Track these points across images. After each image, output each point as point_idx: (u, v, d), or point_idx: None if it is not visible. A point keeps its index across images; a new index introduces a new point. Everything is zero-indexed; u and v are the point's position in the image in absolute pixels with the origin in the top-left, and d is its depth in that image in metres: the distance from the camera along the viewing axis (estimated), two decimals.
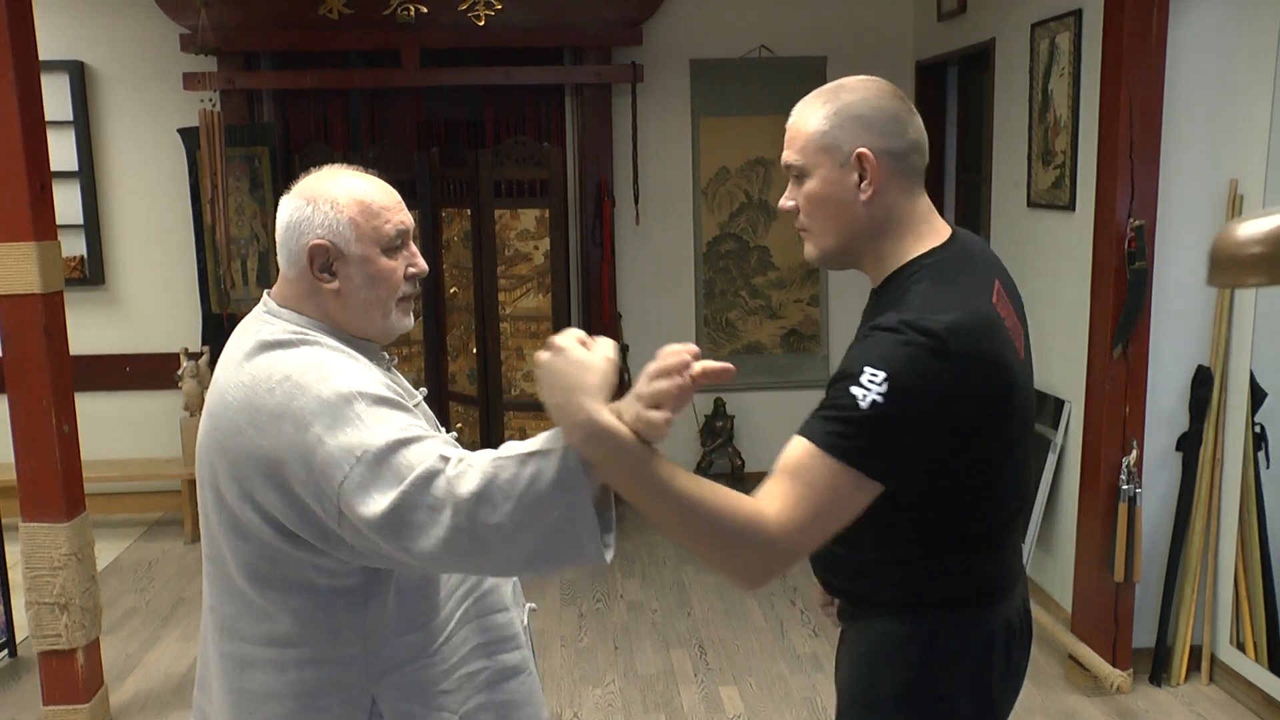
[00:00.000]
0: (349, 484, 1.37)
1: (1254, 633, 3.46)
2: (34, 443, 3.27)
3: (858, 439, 1.39)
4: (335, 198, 1.55)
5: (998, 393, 1.48)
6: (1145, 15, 3.31)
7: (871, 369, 1.39)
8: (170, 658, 3.97)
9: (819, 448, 1.40)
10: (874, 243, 1.57)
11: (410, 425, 1.43)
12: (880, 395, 1.38)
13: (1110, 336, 3.45)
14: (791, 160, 1.59)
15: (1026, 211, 4.27)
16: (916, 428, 1.41)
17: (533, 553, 1.34)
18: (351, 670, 1.53)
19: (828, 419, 1.42)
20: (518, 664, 1.67)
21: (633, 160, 5.42)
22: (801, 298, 5.64)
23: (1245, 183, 3.40)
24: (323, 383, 1.44)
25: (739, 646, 4.00)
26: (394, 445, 1.38)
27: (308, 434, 1.40)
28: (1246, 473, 3.45)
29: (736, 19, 5.42)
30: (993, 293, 1.55)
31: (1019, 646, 1.66)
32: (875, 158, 1.52)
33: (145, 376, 5.41)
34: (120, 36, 5.28)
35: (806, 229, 1.61)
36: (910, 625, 1.59)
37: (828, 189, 1.55)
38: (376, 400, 1.44)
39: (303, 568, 1.48)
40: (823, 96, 1.58)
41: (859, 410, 1.38)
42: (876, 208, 1.55)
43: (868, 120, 1.53)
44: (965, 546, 1.59)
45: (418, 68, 5.25)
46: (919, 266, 1.54)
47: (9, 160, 3.16)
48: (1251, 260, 1.23)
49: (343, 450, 1.38)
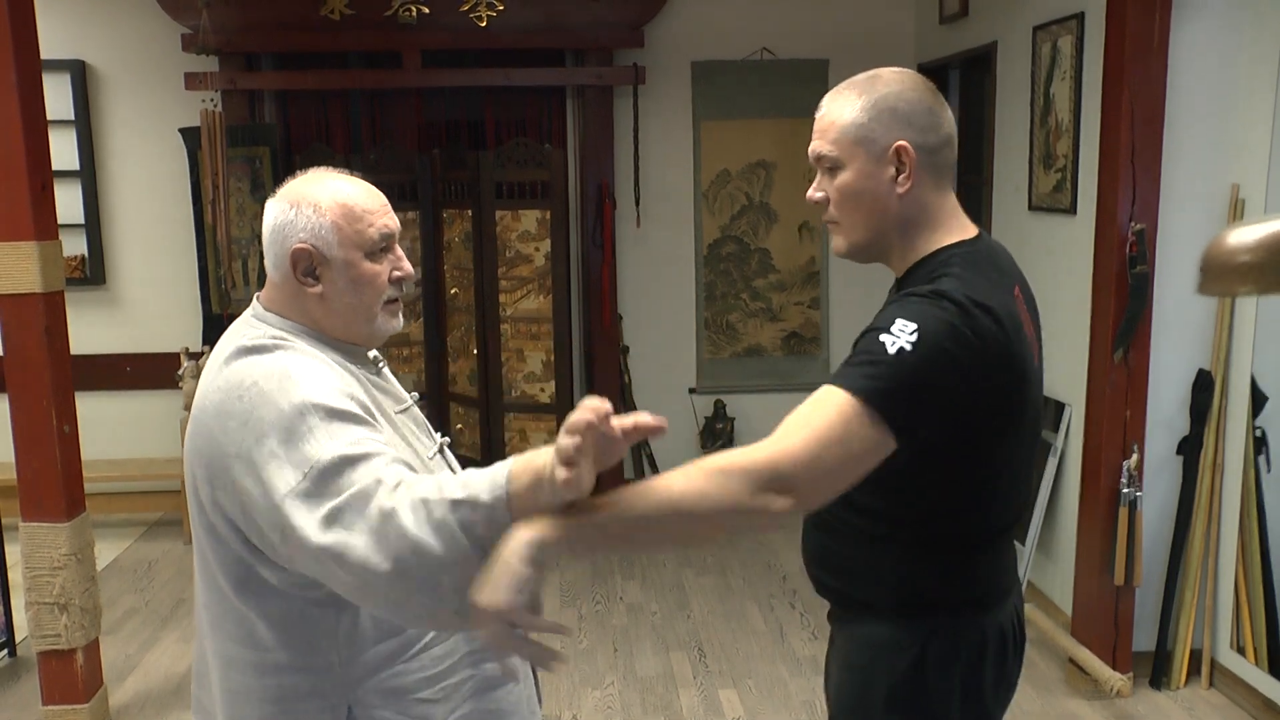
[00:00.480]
0: (291, 496, 1.35)
1: (1254, 637, 3.46)
2: (34, 442, 3.27)
3: (881, 380, 1.37)
4: (318, 201, 1.54)
5: (1011, 386, 1.47)
6: (1147, 19, 3.31)
7: (904, 320, 1.39)
8: (170, 658, 3.96)
9: (839, 386, 1.38)
10: (903, 237, 1.56)
11: (363, 440, 1.39)
12: (909, 344, 1.37)
13: (1111, 340, 3.45)
14: (824, 151, 1.56)
15: (1028, 215, 4.27)
16: (936, 387, 1.39)
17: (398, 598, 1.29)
18: (328, 678, 1.52)
19: (853, 364, 1.41)
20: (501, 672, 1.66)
21: (634, 162, 5.42)
22: (802, 300, 5.63)
23: (1247, 187, 3.40)
24: (282, 393, 1.43)
25: (738, 649, 4.00)
26: (339, 461, 1.35)
27: (263, 445, 1.39)
28: (1247, 477, 3.45)
29: (738, 21, 5.42)
30: (1013, 297, 1.55)
31: (1012, 653, 1.65)
32: (914, 152, 1.51)
33: (146, 376, 5.40)
34: (122, 36, 5.28)
35: (836, 221, 1.59)
36: (903, 630, 1.58)
37: (862, 182, 1.54)
38: (331, 413, 1.41)
39: (269, 576, 1.47)
40: (857, 88, 1.55)
41: (886, 354, 1.37)
42: (909, 202, 1.54)
43: (904, 114, 1.52)
44: (962, 550, 1.58)
45: (419, 69, 5.25)
46: (950, 254, 1.53)
47: (10, 159, 3.16)
48: (1241, 269, 1.22)
49: (292, 464, 1.37)
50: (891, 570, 1.58)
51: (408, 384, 1.78)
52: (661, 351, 5.63)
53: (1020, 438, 1.55)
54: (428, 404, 1.66)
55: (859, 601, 1.64)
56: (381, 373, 1.69)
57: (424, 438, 1.70)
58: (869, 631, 1.62)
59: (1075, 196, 3.86)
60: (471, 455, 5.25)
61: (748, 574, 4.73)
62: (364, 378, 1.59)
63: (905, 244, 1.57)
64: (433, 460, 1.67)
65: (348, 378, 1.53)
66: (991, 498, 1.56)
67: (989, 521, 1.58)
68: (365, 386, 1.57)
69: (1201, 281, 1.26)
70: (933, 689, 1.57)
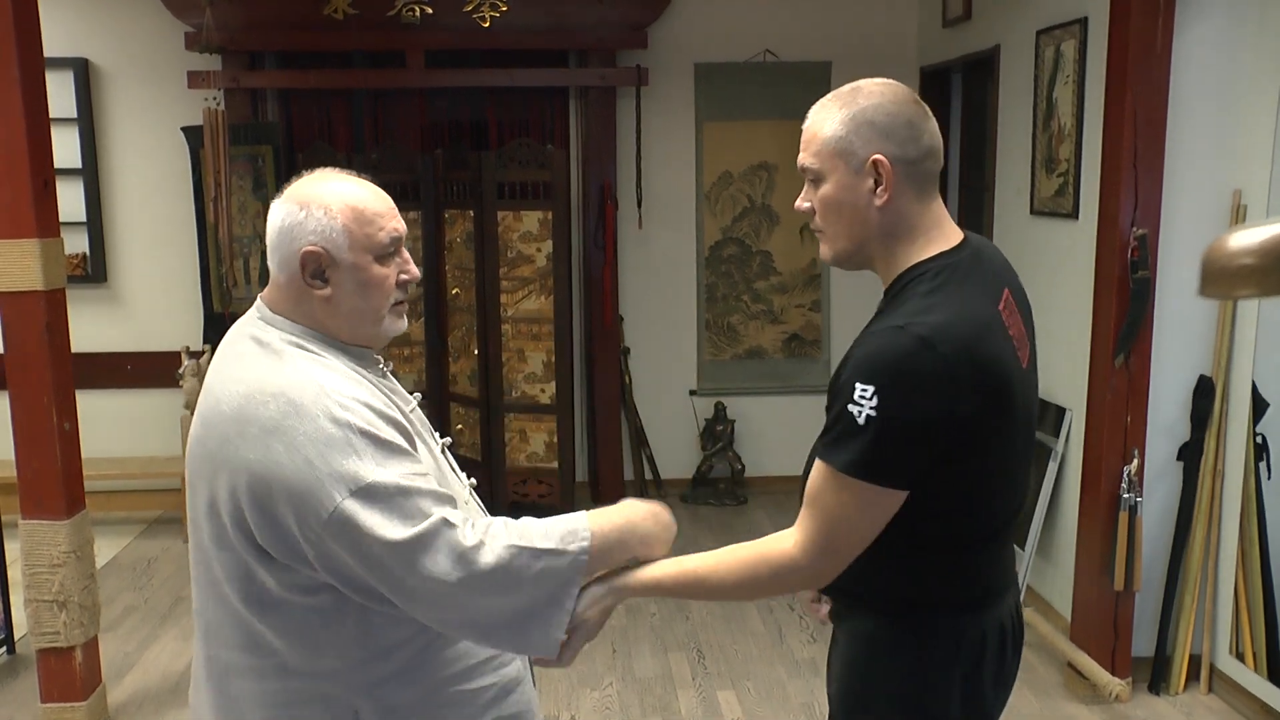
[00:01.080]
0: (345, 508, 1.38)
1: (1253, 643, 3.45)
2: (35, 440, 3.27)
3: (864, 453, 1.45)
4: (328, 203, 1.53)
5: (992, 393, 1.48)
6: (1150, 24, 3.31)
7: (861, 384, 1.45)
8: (168, 656, 3.96)
9: (831, 468, 1.49)
10: (885, 246, 1.58)
11: (413, 475, 1.46)
12: (873, 409, 1.43)
13: (1112, 345, 3.45)
14: (807, 163, 1.59)
15: (1029, 219, 4.27)
16: (914, 430, 1.44)
17: (502, 629, 1.48)
18: (332, 683, 1.51)
19: (833, 441, 1.49)
20: (517, 674, 1.66)
21: (636, 163, 5.42)
22: (803, 303, 5.63)
23: (1249, 193, 3.40)
24: (320, 406, 1.43)
25: (737, 651, 4.00)
26: (403, 488, 1.42)
27: (296, 456, 1.40)
28: (1247, 483, 3.45)
29: (741, 23, 5.42)
30: (1000, 300, 1.56)
31: (1011, 651, 1.67)
32: (890, 165, 1.53)
33: (146, 375, 5.40)
34: (125, 34, 5.28)
35: (821, 230, 1.63)
36: (902, 627, 1.60)
37: (842, 194, 1.56)
38: (378, 443, 1.44)
39: (273, 583, 1.47)
40: (839, 100, 1.57)
41: (856, 425, 1.44)
42: (889, 213, 1.55)
43: (883, 127, 1.53)
44: (960, 549, 1.59)
45: (422, 69, 5.25)
46: (922, 270, 1.55)
47: (13, 156, 3.16)
48: (1242, 272, 1.22)
49: (336, 477, 1.38)
50: (892, 569, 1.59)
51: (408, 384, 1.79)
52: (662, 353, 5.63)
53: (1012, 438, 1.56)
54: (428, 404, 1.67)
55: (860, 599, 1.66)
56: (386, 375, 1.69)
57: (429, 438, 1.71)
58: (870, 628, 1.64)
59: (1077, 201, 3.86)
60: (471, 455, 5.25)
61: None
62: (375, 382, 1.59)
63: (888, 254, 1.59)
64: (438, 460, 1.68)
65: (377, 394, 1.53)
66: (989, 497, 1.58)
67: (987, 520, 1.60)
68: (385, 393, 1.57)
69: (1203, 284, 1.26)
70: (933, 687, 1.59)
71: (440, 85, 5.38)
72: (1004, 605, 1.65)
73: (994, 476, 1.56)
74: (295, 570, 1.45)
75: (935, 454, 1.46)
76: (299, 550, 1.42)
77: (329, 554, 1.41)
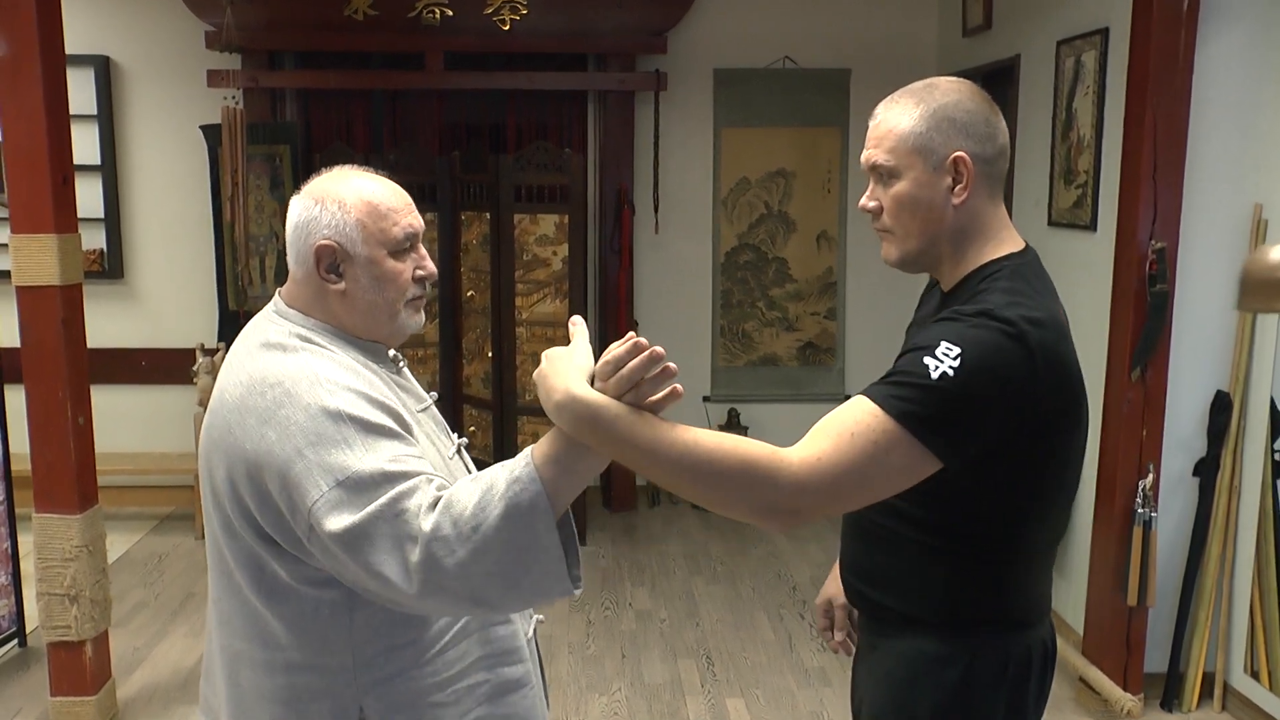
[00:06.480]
0: (324, 501, 1.36)
1: (1269, 661, 3.42)
2: (49, 434, 3.28)
3: (923, 406, 1.36)
4: (343, 198, 1.54)
5: (1067, 399, 1.45)
6: (1173, 35, 3.29)
7: (948, 343, 1.38)
8: (178, 652, 3.97)
9: (881, 410, 1.36)
10: (955, 247, 1.55)
11: (400, 456, 1.40)
12: (952, 368, 1.36)
13: (1129, 359, 3.42)
14: (879, 160, 1.55)
15: (1047, 230, 4.24)
16: (983, 411, 1.38)
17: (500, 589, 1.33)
18: (340, 679, 1.51)
19: (894, 383, 1.39)
20: (520, 677, 1.65)
21: (653, 168, 5.42)
22: (819, 311, 5.62)
23: (1270, 208, 3.37)
24: (314, 396, 1.43)
25: (747, 658, 3.98)
26: (378, 476, 1.36)
27: (288, 444, 1.40)
28: (1264, 500, 3.42)
29: (761, 29, 5.41)
30: (1060, 305, 1.55)
31: (1051, 668, 1.64)
32: (971, 162, 1.50)
33: (161, 371, 5.43)
34: (146, 32, 5.31)
35: (889, 230, 1.58)
36: (950, 645, 1.56)
37: (918, 191, 1.52)
38: (368, 427, 1.41)
39: (284, 574, 1.47)
40: (915, 96, 1.54)
41: (928, 379, 1.36)
42: (964, 213, 1.53)
43: (963, 124, 1.51)
44: (1016, 562, 1.55)
45: (441, 71, 5.26)
46: (999, 267, 1.52)
47: (33, 152, 3.18)
48: None
49: (323, 468, 1.37)
50: (941, 583, 1.55)
51: (422, 385, 1.79)
52: (676, 358, 5.46)
53: (1076, 445, 1.53)
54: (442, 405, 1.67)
55: (903, 615, 1.60)
56: (402, 371, 1.69)
57: (443, 438, 1.70)
58: (913, 645, 1.59)
59: (1096, 213, 3.84)
60: (484, 458, 5.25)
61: (758, 583, 4.71)
62: (386, 377, 1.59)
63: (957, 255, 1.55)
64: (452, 460, 1.67)
65: (376, 381, 1.53)
66: (1049, 507, 1.53)
67: (1044, 531, 1.55)
68: (390, 386, 1.57)
69: (1242, 297, 1.25)
70: (978, 705, 1.55)
71: (459, 87, 5.39)
72: (1046, 623, 1.63)
73: (1059, 481, 1.53)
74: (304, 563, 1.46)
75: (997, 442, 1.40)
76: (297, 538, 1.42)
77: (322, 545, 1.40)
